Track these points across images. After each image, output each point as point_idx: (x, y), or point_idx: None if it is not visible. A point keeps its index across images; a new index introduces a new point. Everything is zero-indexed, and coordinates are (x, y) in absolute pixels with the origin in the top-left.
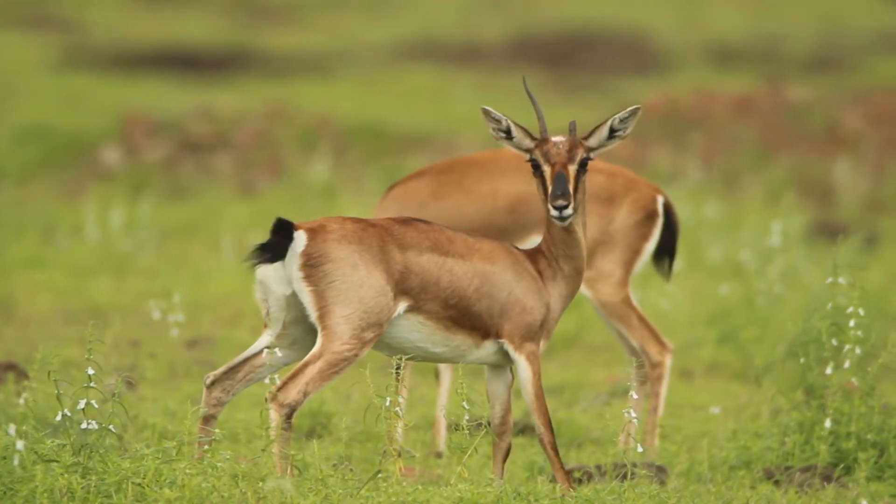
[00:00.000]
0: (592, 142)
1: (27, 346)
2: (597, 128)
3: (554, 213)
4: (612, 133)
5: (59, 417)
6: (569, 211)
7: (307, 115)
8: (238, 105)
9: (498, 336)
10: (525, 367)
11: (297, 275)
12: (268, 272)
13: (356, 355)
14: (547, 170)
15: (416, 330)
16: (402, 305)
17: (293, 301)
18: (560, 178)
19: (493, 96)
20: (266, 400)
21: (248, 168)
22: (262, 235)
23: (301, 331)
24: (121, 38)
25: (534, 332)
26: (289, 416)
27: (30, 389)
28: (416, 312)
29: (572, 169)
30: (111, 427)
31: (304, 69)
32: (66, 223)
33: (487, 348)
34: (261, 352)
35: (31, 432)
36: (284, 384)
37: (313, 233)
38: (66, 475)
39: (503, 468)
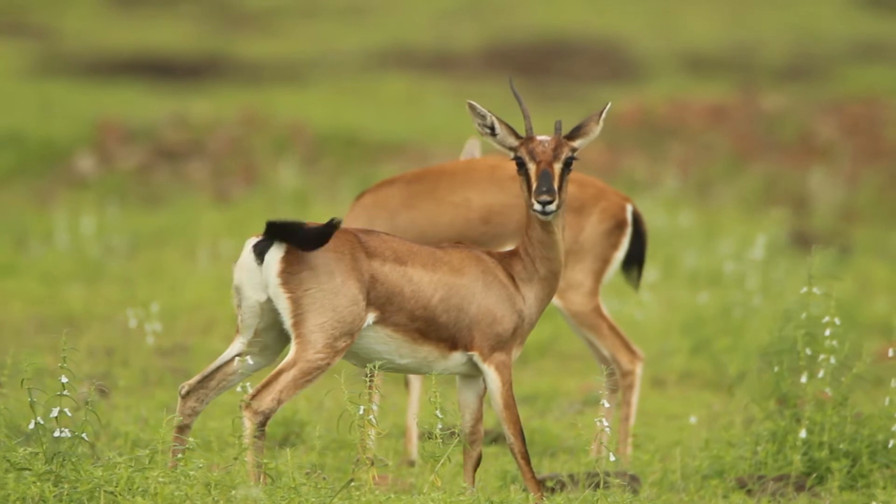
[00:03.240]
0: (578, 142)
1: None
2: (581, 127)
3: (537, 206)
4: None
5: (31, 425)
6: (552, 207)
7: (281, 123)
8: (212, 112)
9: (467, 348)
10: (494, 377)
11: (275, 281)
12: (243, 278)
13: (329, 364)
14: (532, 167)
15: (384, 342)
16: (371, 316)
17: (267, 307)
18: (545, 175)
19: (466, 104)
20: (240, 407)
21: (223, 175)
22: (236, 243)
23: (272, 338)
24: (95, 46)
25: (504, 342)
26: (262, 424)
27: (2, 397)
28: (383, 325)
29: (557, 167)
30: (84, 435)
31: (277, 76)
32: (38, 230)
33: (455, 359)
34: (233, 359)
35: (4, 440)
36: (258, 392)
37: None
38: (38, 483)
39: (474, 477)
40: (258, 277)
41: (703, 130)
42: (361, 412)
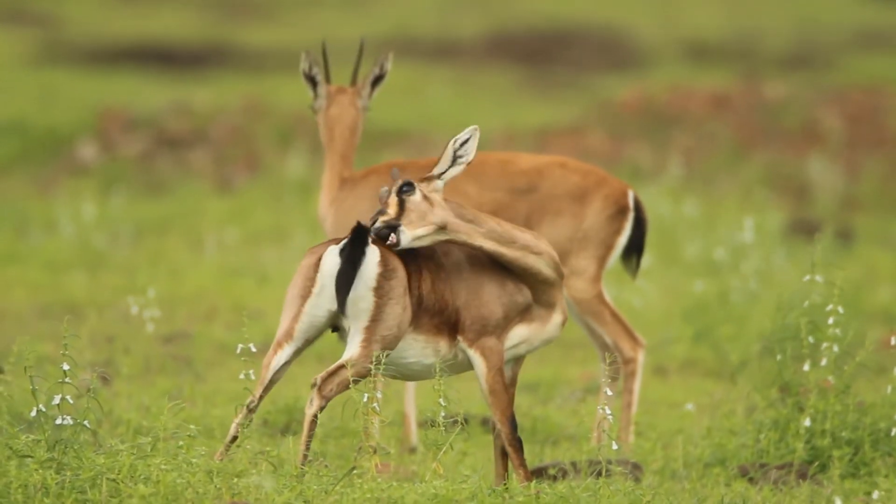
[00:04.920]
0: (437, 170)
1: (1, 341)
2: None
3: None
4: (456, 158)
5: (33, 413)
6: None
7: (284, 111)
8: (215, 101)
9: (458, 334)
10: (479, 362)
11: (371, 283)
12: (326, 284)
13: None
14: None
15: (409, 347)
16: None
17: (333, 314)
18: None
19: (468, 93)
20: (311, 386)
21: (225, 164)
22: (238, 231)
23: (304, 342)
24: (97, 34)
25: (492, 327)
26: (322, 409)
27: (4, 384)
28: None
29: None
30: (86, 423)
31: (280, 65)
32: (41, 218)
33: (455, 353)
34: (283, 368)
35: (6, 427)
36: (327, 377)
37: (381, 244)
38: (40, 471)
39: (504, 467)
40: None
41: (705, 119)
42: (365, 400)
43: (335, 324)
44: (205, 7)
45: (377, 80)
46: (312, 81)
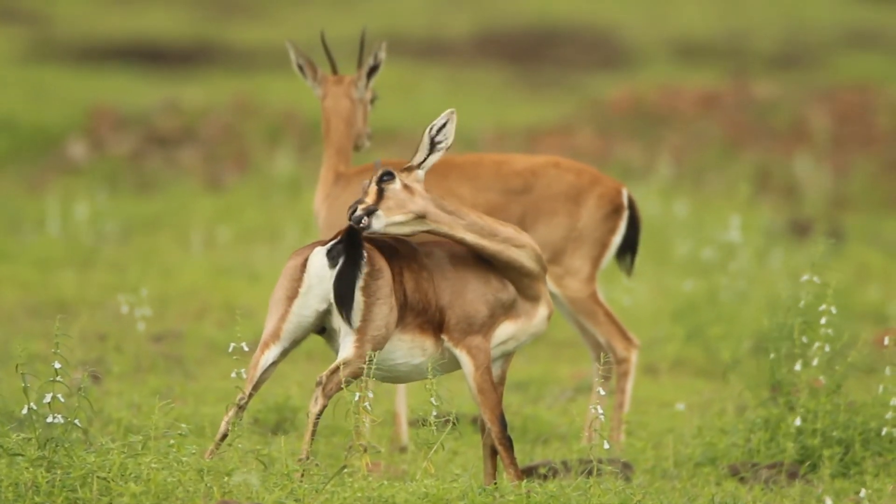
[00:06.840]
0: (416, 159)
1: None
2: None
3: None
4: (434, 144)
5: (24, 411)
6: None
7: (273, 110)
8: (204, 99)
9: (443, 333)
10: (467, 361)
11: (359, 284)
12: (313, 286)
13: None
14: None
15: (396, 348)
16: None
17: (321, 315)
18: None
19: (458, 91)
20: (317, 385)
21: (215, 162)
22: (228, 230)
23: (291, 342)
24: (87, 32)
25: (477, 326)
26: (325, 407)
27: None
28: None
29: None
30: (77, 421)
31: (269, 63)
32: (31, 216)
33: (443, 353)
34: (270, 368)
35: None
36: (330, 375)
37: (368, 244)
38: (31, 469)
39: (493, 466)
40: (328, 285)
41: (694, 118)
42: (357, 399)
43: (322, 325)
44: (194, 5)
45: (372, 71)
46: (304, 72)
